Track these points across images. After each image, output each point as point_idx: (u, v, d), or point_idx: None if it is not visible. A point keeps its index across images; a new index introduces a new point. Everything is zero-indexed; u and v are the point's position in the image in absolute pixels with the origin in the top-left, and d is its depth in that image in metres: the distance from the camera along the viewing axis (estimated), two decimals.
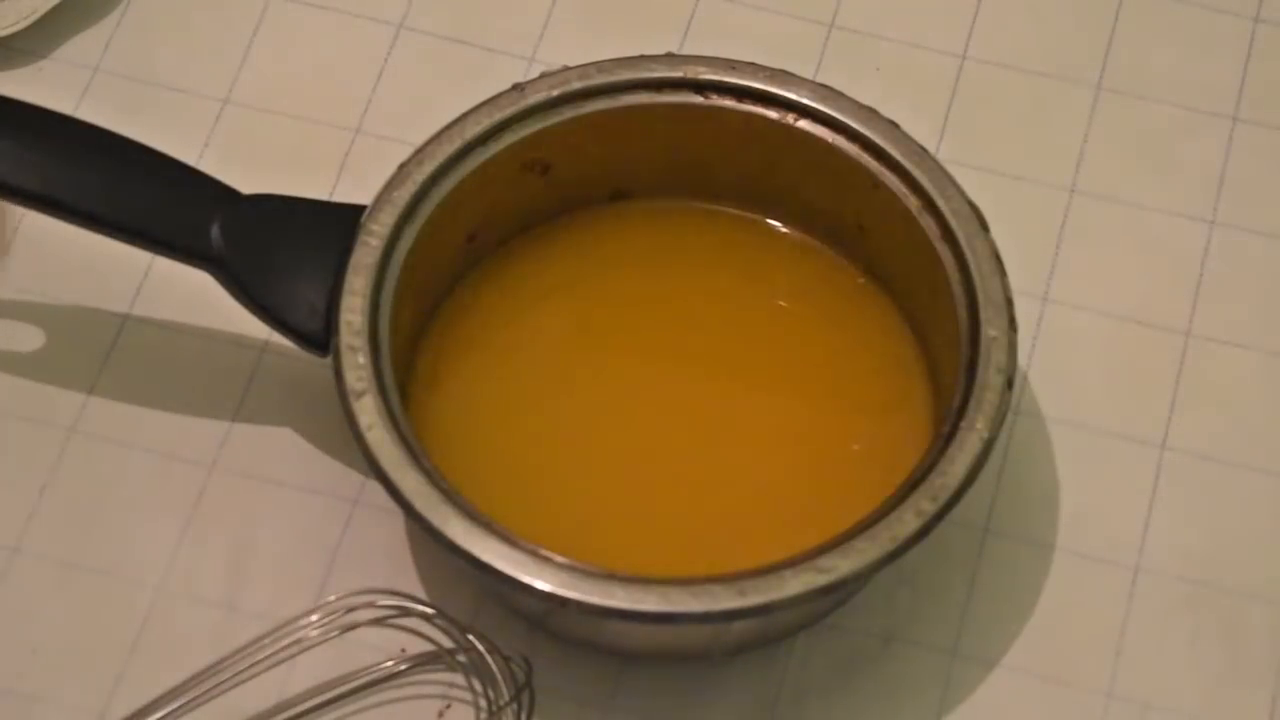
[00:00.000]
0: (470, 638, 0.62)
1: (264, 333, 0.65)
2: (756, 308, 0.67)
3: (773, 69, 0.66)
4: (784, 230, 0.68)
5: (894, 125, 0.65)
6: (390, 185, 0.64)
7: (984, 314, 0.62)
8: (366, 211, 0.63)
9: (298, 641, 0.62)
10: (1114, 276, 0.70)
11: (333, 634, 0.62)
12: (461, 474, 0.61)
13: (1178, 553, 0.65)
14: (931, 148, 0.66)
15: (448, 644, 0.63)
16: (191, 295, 0.66)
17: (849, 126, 0.65)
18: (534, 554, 0.58)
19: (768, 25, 0.74)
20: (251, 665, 0.62)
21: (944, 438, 0.61)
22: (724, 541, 0.63)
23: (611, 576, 0.58)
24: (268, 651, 0.62)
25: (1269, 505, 0.66)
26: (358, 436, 0.60)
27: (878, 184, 0.65)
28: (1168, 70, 0.73)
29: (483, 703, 0.62)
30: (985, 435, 0.60)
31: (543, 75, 0.66)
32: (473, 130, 0.65)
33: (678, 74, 0.66)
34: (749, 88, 0.66)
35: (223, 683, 0.61)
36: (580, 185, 0.67)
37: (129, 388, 0.67)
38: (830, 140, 0.65)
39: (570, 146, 0.66)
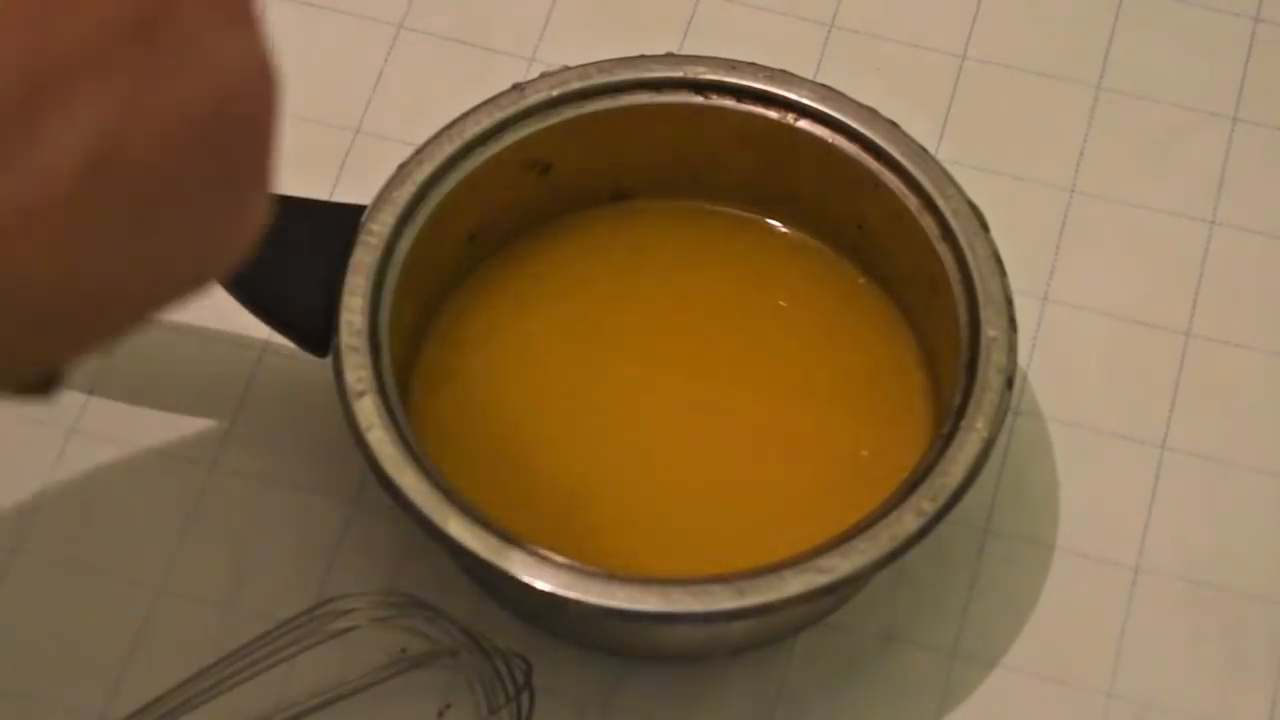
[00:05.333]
0: (470, 638, 0.62)
1: (264, 333, 0.65)
2: (756, 308, 0.67)
3: (773, 69, 0.66)
4: (784, 230, 0.68)
5: (894, 125, 0.65)
6: (390, 185, 0.64)
7: (984, 314, 0.62)
8: (366, 211, 0.63)
9: (298, 641, 0.62)
10: (1114, 276, 0.70)
11: (333, 634, 0.62)
12: (461, 474, 0.61)
13: (1178, 553, 0.65)
14: (931, 148, 0.66)
15: (448, 644, 0.63)
16: None
17: (849, 126, 0.65)
18: (534, 554, 0.58)
19: (768, 25, 0.74)
20: (251, 665, 0.62)
21: (944, 438, 0.61)
22: (724, 542, 0.63)
23: (611, 576, 0.58)
24: (268, 651, 0.62)
25: (1269, 505, 0.66)
26: (357, 437, 0.60)
27: (878, 184, 0.65)
28: (1168, 70, 0.73)
29: (483, 702, 0.62)
30: (985, 435, 0.60)
31: (543, 75, 0.66)
32: (473, 130, 0.65)
33: (678, 74, 0.66)
34: (749, 88, 0.66)
35: (223, 683, 0.61)
36: (580, 185, 0.67)
37: (129, 388, 0.67)
38: (830, 140, 0.65)
39: (570, 146, 0.66)
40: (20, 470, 0.66)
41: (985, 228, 0.64)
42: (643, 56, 0.66)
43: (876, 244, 0.66)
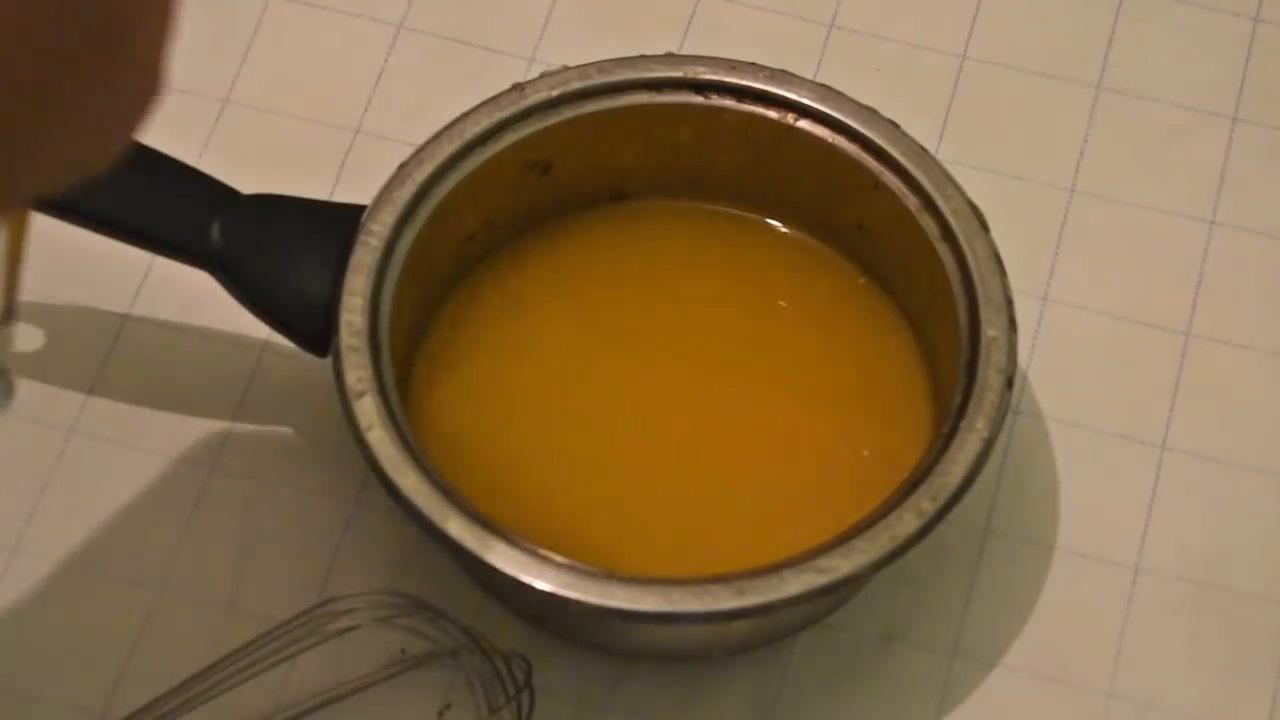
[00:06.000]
0: (470, 638, 0.62)
1: (264, 333, 0.65)
2: (756, 308, 0.67)
3: (773, 69, 0.66)
4: (784, 230, 0.68)
5: (894, 125, 0.65)
6: (390, 185, 0.64)
7: (984, 314, 0.62)
8: (366, 211, 0.63)
9: (298, 641, 0.62)
10: (1114, 276, 0.70)
11: (333, 634, 0.62)
12: (461, 474, 0.61)
13: (1178, 553, 0.65)
14: (931, 148, 0.66)
15: (448, 644, 0.63)
16: (191, 295, 0.66)
17: (849, 126, 0.65)
18: (534, 554, 0.58)
19: (768, 25, 0.74)
20: (251, 665, 0.62)
21: (944, 438, 0.61)
22: (724, 542, 0.63)
23: (611, 576, 0.58)
24: (268, 651, 0.62)
25: (1269, 505, 0.66)
26: (358, 437, 0.60)
27: (878, 184, 0.65)
28: (1168, 70, 0.73)
29: (483, 702, 0.62)
30: (985, 435, 0.60)
31: (543, 75, 0.66)
32: (473, 130, 0.65)
33: (678, 74, 0.66)
34: (749, 88, 0.66)
35: (223, 682, 0.61)
36: (580, 185, 0.67)
37: (129, 388, 0.67)
38: (830, 140, 0.65)
39: (570, 146, 0.66)
40: (20, 470, 0.66)
41: (985, 228, 0.64)
42: (643, 56, 0.66)
43: (876, 244, 0.66)
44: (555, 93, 0.65)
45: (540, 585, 0.58)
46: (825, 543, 0.59)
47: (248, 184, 0.64)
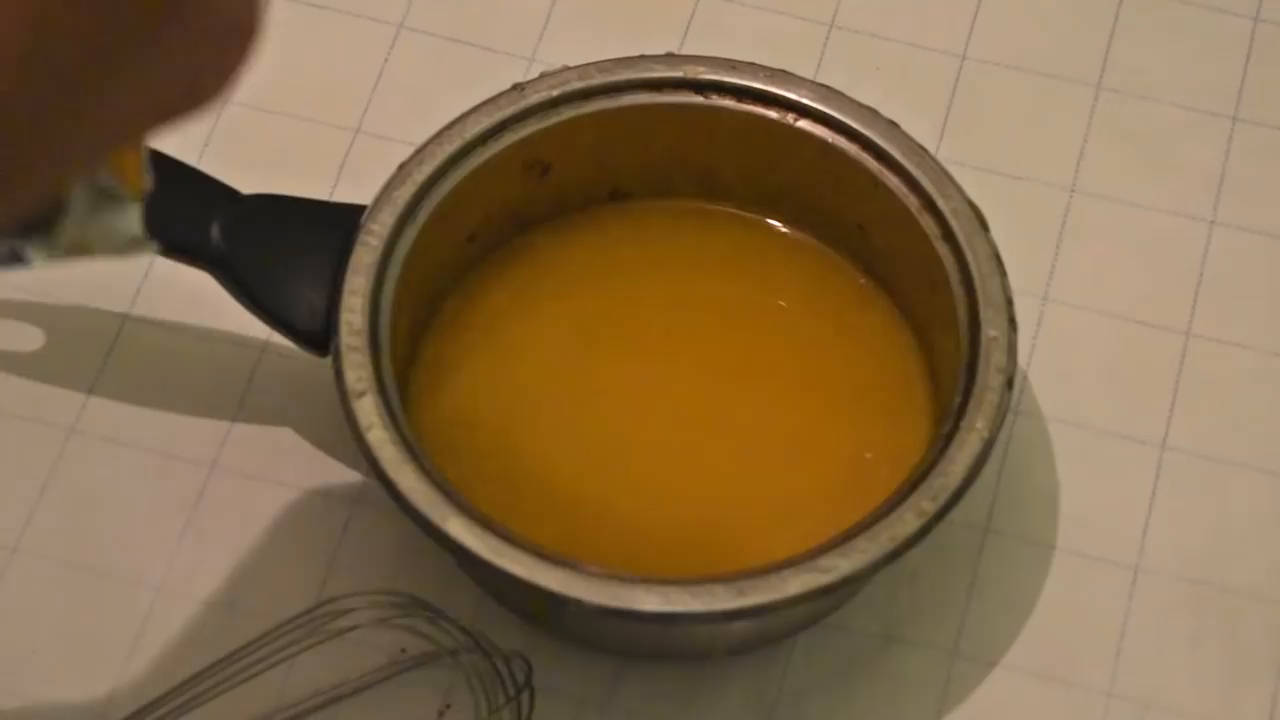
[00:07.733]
0: (470, 638, 0.62)
1: (264, 333, 0.65)
2: (756, 308, 0.67)
3: (773, 69, 0.66)
4: (784, 230, 0.68)
5: (894, 125, 0.65)
6: (390, 185, 0.64)
7: (984, 314, 0.62)
8: (366, 211, 0.63)
9: (298, 641, 0.62)
10: (1114, 276, 0.70)
11: (333, 634, 0.62)
12: (461, 474, 0.61)
13: (1178, 553, 0.65)
14: (931, 148, 0.66)
15: (448, 644, 0.63)
16: (191, 295, 0.66)
17: (849, 126, 0.65)
18: (534, 554, 0.58)
19: (768, 25, 0.74)
20: (251, 665, 0.62)
21: (944, 438, 0.61)
22: (724, 542, 0.63)
23: (611, 576, 0.58)
24: (268, 651, 0.62)
25: (1269, 505, 0.66)
26: (358, 436, 0.60)
27: (878, 184, 0.65)
28: (1168, 70, 0.73)
29: (483, 702, 0.62)
30: (985, 435, 0.60)
31: (543, 75, 0.66)
32: (473, 130, 0.65)
33: (678, 74, 0.66)
34: (749, 88, 0.66)
35: (223, 683, 0.61)
36: (580, 185, 0.67)
37: (129, 388, 0.67)
38: (830, 140, 0.65)
39: (570, 146, 0.66)
40: (20, 470, 0.66)
41: (985, 228, 0.64)
42: (643, 56, 0.66)
43: (876, 244, 0.66)
44: (555, 93, 0.65)
45: (541, 585, 0.58)
46: (825, 543, 0.59)
47: (248, 184, 0.64)
